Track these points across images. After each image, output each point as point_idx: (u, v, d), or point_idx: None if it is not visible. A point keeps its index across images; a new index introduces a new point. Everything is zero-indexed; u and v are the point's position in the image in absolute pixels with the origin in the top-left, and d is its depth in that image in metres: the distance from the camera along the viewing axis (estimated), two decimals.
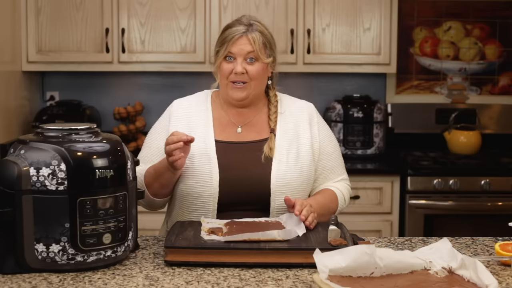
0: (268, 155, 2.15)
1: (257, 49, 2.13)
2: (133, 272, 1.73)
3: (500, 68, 4.30)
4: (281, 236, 1.83)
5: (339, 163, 2.30)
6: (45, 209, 1.68)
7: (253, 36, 2.13)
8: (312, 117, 2.26)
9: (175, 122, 2.20)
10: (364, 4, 3.90)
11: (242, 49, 2.13)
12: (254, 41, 2.13)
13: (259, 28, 2.16)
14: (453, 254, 1.65)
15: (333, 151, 2.27)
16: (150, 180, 2.12)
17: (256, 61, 2.14)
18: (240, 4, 3.85)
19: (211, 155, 2.14)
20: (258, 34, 2.14)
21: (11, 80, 3.71)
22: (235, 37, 2.13)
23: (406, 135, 4.22)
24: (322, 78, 4.25)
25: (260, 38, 2.14)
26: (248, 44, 2.13)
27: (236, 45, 2.13)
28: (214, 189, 2.11)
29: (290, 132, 2.20)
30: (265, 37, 2.16)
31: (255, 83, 2.16)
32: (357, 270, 1.60)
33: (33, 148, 1.71)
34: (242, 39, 2.13)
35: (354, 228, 2.32)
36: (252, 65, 2.14)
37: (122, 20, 3.83)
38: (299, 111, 2.26)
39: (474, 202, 3.68)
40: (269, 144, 2.16)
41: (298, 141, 2.20)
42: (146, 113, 4.12)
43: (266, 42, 2.16)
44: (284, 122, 2.22)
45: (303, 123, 2.23)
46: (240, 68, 2.12)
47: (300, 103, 2.30)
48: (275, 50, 2.20)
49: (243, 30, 2.14)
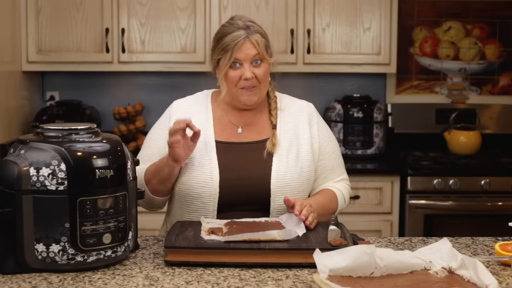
0: (270, 151, 2.15)
1: (261, 51, 2.13)
2: (133, 272, 1.73)
3: (500, 68, 4.30)
4: (281, 236, 1.83)
5: (339, 163, 2.30)
6: (45, 209, 1.68)
7: (256, 39, 2.12)
8: (311, 117, 2.26)
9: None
10: (364, 4, 3.90)
11: (248, 53, 2.12)
12: (258, 43, 2.12)
13: (257, 29, 2.16)
14: (453, 254, 1.65)
15: (333, 151, 2.27)
16: (150, 176, 2.13)
17: (261, 62, 2.14)
18: (240, 4, 3.85)
19: (211, 155, 2.14)
20: (259, 36, 2.14)
21: (11, 80, 3.71)
22: (239, 43, 2.11)
23: (406, 135, 4.22)
24: (322, 78, 4.25)
25: (261, 40, 2.14)
26: (252, 48, 2.12)
27: (241, 50, 2.11)
28: (214, 190, 2.11)
29: (290, 132, 2.20)
30: (264, 37, 2.16)
31: (264, 86, 2.17)
32: (357, 270, 1.60)
33: (33, 148, 1.71)
34: (246, 44, 2.12)
35: (354, 228, 2.32)
36: (258, 67, 2.14)
37: (122, 20, 3.83)
38: (299, 110, 2.26)
39: (474, 202, 3.68)
40: (272, 140, 2.17)
41: (298, 141, 2.20)
42: (146, 113, 4.12)
43: (266, 43, 2.16)
44: (284, 121, 2.22)
45: (302, 123, 2.23)
46: (249, 73, 2.11)
47: (300, 103, 2.30)
48: (272, 49, 2.21)
49: (244, 34, 2.12)
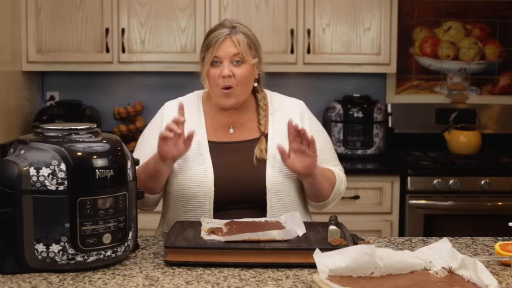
0: (259, 157, 2.15)
1: (242, 51, 2.12)
2: (133, 272, 1.73)
3: (500, 68, 4.30)
4: (281, 236, 1.84)
5: (332, 156, 2.31)
6: (45, 209, 1.68)
7: (238, 38, 2.13)
8: (303, 114, 2.27)
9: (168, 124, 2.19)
10: (364, 4, 3.90)
11: (228, 51, 2.12)
12: (239, 42, 2.13)
13: (242, 29, 2.16)
14: (453, 254, 1.65)
15: (326, 145, 2.28)
16: (139, 171, 2.10)
17: (242, 63, 2.14)
18: (240, 4, 3.85)
19: (205, 155, 2.15)
20: (242, 35, 2.14)
21: (11, 80, 3.71)
22: (219, 40, 2.12)
23: (406, 135, 4.22)
24: (322, 78, 4.25)
25: (244, 40, 2.14)
26: (233, 46, 2.13)
27: (221, 48, 2.12)
28: (210, 189, 2.11)
29: (282, 130, 2.21)
30: (249, 38, 2.16)
31: (241, 88, 2.15)
32: (357, 270, 1.60)
33: (33, 148, 1.71)
34: (227, 42, 2.13)
35: (354, 228, 2.31)
36: (238, 67, 2.13)
37: (122, 20, 3.83)
38: (290, 108, 2.26)
39: (474, 202, 3.68)
40: (259, 146, 2.17)
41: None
42: (146, 113, 4.12)
43: (250, 43, 2.16)
44: (276, 121, 2.23)
45: (294, 120, 2.23)
46: (227, 71, 2.11)
47: (291, 100, 2.30)
48: (260, 51, 2.20)
49: (226, 32, 2.13)
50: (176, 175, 2.14)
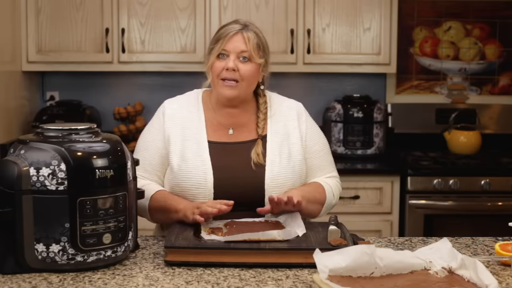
0: (256, 161, 2.15)
1: (250, 49, 2.13)
2: (133, 272, 1.73)
3: (500, 68, 4.30)
4: (281, 236, 1.84)
5: (328, 161, 2.29)
6: (45, 209, 1.68)
7: (248, 35, 2.14)
8: (300, 115, 2.26)
9: (169, 122, 2.19)
10: (364, 4, 3.90)
11: (237, 46, 2.13)
12: (249, 39, 2.14)
13: (254, 29, 2.18)
14: (453, 254, 1.65)
15: (321, 149, 2.27)
16: (156, 209, 2.10)
17: (249, 61, 2.14)
18: (240, 4, 3.85)
19: (204, 156, 2.14)
20: (253, 34, 2.15)
21: (11, 80, 3.71)
22: (230, 34, 2.14)
23: (406, 135, 4.22)
24: (322, 78, 4.25)
25: (254, 38, 2.15)
26: (242, 42, 2.13)
27: (230, 42, 2.13)
28: (209, 190, 2.11)
29: (281, 132, 2.21)
30: (259, 39, 2.17)
31: (246, 84, 2.15)
32: (357, 270, 1.60)
33: (33, 148, 1.71)
34: (237, 37, 2.14)
35: (354, 228, 2.31)
36: (244, 64, 2.14)
37: (122, 20, 3.83)
38: (288, 109, 2.26)
39: (474, 202, 3.68)
40: (255, 150, 2.16)
41: (288, 140, 2.20)
42: (146, 113, 4.12)
43: (260, 43, 2.16)
44: (274, 122, 2.22)
45: (292, 122, 2.23)
46: (232, 64, 2.12)
47: (289, 102, 2.30)
48: (268, 55, 2.20)
49: (238, 28, 2.15)
50: (176, 177, 2.13)
